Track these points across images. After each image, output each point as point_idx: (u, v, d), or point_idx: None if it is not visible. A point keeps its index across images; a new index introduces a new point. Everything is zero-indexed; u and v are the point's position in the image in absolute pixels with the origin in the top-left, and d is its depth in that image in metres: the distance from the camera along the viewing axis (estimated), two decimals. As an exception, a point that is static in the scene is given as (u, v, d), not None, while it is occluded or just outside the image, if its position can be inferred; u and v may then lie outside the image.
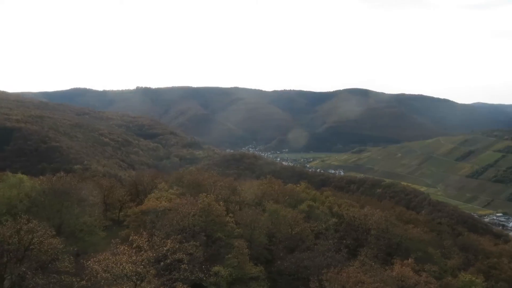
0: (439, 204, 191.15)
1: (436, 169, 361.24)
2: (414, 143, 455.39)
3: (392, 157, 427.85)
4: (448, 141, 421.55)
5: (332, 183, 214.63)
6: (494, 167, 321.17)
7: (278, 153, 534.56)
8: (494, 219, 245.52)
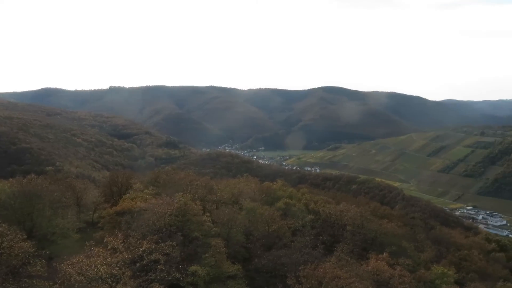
0: (412, 199, 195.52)
1: (409, 164, 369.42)
2: (387, 140, 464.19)
3: (366, 153, 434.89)
4: (420, 137, 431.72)
5: (308, 180, 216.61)
6: (464, 162, 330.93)
7: (254, 151, 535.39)
8: (465, 212, 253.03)
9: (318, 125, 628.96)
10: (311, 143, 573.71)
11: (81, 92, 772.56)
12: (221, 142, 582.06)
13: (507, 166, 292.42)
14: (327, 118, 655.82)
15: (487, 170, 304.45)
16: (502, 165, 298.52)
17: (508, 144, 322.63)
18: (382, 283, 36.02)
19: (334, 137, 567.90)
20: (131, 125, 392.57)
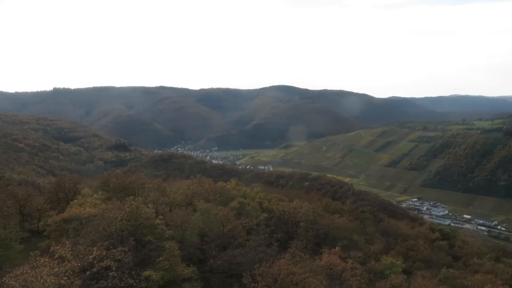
0: (362, 193, 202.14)
1: (358, 160, 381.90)
2: (337, 137, 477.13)
3: (318, 151, 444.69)
4: (367, 134, 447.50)
5: (262, 179, 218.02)
6: (409, 156, 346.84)
7: (207, 152, 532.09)
8: (410, 204, 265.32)
9: (271, 124, 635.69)
10: (264, 141, 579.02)
11: (22, 94, 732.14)
12: (173, 143, 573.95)
13: (448, 159, 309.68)
14: (279, 116, 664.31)
15: (430, 163, 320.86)
16: (443, 158, 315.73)
17: (448, 138, 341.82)
18: (335, 277, 37.00)
19: (287, 135, 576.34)
20: (78, 127, 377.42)
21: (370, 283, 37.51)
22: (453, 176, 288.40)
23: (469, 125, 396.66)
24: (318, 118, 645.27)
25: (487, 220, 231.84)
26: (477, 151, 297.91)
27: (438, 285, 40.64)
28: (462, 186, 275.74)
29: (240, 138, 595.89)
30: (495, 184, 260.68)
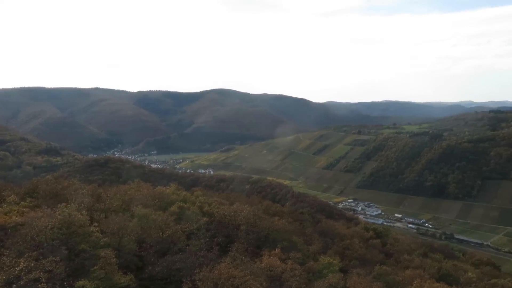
0: (301, 195, 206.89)
1: (297, 163, 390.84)
2: (277, 140, 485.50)
3: (258, 154, 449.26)
4: (306, 137, 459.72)
5: (202, 183, 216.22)
6: (345, 158, 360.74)
7: (146, 156, 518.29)
8: (346, 205, 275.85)
9: (211, 127, 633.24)
10: (204, 145, 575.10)
11: None
12: (109, 147, 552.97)
13: (380, 161, 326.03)
14: (220, 120, 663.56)
15: (364, 165, 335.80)
16: (376, 160, 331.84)
17: (380, 141, 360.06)
18: (275, 278, 37.47)
19: (227, 138, 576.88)
20: (3, 130, 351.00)
21: (309, 282, 38.41)
22: (385, 177, 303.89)
23: (400, 129, 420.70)
24: (259, 122, 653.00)
25: (416, 218, 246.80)
26: (406, 153, 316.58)
27: (372, 282, 42.49)
28: (394, 187, 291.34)
29: (180, 142, 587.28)
30: (422, 185, 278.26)
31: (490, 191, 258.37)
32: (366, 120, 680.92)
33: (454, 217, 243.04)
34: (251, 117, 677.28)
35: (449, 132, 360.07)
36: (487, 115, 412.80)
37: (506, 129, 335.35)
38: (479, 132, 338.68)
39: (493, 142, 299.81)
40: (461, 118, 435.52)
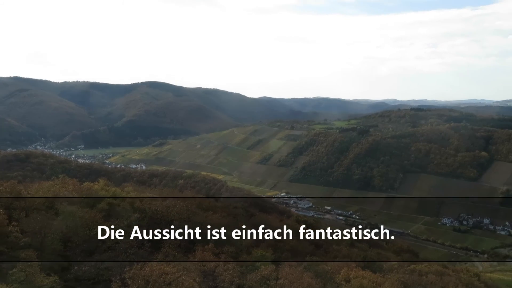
0: (235, 190, 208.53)
1: (231, 158, 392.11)
2: (211, 135, 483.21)
3: (192, 148, 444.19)
4: (240, 132, 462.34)
5: (134, 178, 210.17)
6: (278, 153, 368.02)
7: (72, 150, 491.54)
8: (279, 198, 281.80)
9: (143, 121, 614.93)
10: (136, 139, 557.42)
11: None
12: (31, 140, 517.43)
13: (312, 155, 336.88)
14: (152, 113, 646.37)
15: (297, 159, 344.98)
16: (308, 155, 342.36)
17: (312, 136, 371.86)
18: (209, 273, 37.43)
19: (160, 132, 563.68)
20: None
21: (242, 276, 38.79)
22: (316, 171, 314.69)
23: (330, 124, 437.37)
24: (193, 116, 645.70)
25: (344, 210, 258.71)
26: (336, 148, 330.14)
27: (303, 272, 43.87)
28: (324, 180, 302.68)
29: (110, 136, 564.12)
30: (350, 178, 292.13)
31: (410, 184, 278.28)
32: (299, 116, 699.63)
33: (379, 208, 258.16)
34: (185, 111, 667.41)
35: (374, 128, 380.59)
36: (408, 112, 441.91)
37: (425, 125, 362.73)
38: (402, 128, 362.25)
39: (414, 137, 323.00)
40: (386, 115, 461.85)
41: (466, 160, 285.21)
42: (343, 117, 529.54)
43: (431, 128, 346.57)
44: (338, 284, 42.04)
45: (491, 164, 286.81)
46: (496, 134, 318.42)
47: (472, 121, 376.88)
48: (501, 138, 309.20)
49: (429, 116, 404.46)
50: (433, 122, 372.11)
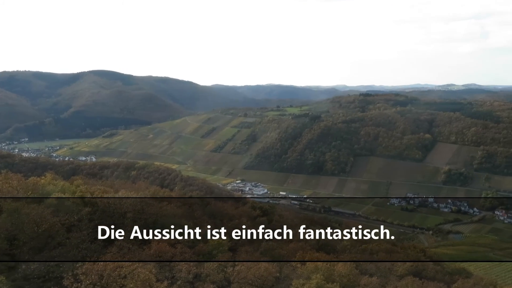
0: (190, 179, 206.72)
1: (185, 147, 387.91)
2: (164, 124, 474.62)
3: (144, 138, 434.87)
4: (194, 120, 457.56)
5: (83, 171, 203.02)
6: (232, 141, 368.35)
7: (16, 144, 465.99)
8: (235, 186, 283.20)
9: (92, 111, 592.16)
10: (85, 130, 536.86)
11: None
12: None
13: (266, 142, 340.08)
14: (101, 103, 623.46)
15: (251, 146, 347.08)
16: (262, 142, 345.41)
17: (265, 123, 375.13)
18: (165, 263, 37.14)
19: (110, 123, 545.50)
20: None
21: (199, 264, 38.83)
22: (270, 157, 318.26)
23: (283, 111, 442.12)
24: (144, 105, 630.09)
25: (298, 194, 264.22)
26: (289, 134, 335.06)
27: (260, 258, 44.58)
28: (278, 166, 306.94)
29: (56, 128, 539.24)
30: (304, 163, 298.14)
31: (361, 167, 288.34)
32: (252, 103, 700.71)
33: (331, 192, 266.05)
34: (136, 100, 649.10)
35: (326, 114, 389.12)
36: (357, 98, 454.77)
37: (373, 110, 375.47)
38: (351, 113, 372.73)
39: (363, 122, 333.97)
40: (336, 100, 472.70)
41: (411, 142, 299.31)
42: (295, 103, 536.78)
43: (379, 113, 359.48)
44: (294, 267, 43.11)
45: (434, 145, 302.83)
46: (439, 117, 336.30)
47: (416, 105, 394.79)
48: (443, 121, 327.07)
49: (377, 101, 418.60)
50: (380, 107, 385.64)
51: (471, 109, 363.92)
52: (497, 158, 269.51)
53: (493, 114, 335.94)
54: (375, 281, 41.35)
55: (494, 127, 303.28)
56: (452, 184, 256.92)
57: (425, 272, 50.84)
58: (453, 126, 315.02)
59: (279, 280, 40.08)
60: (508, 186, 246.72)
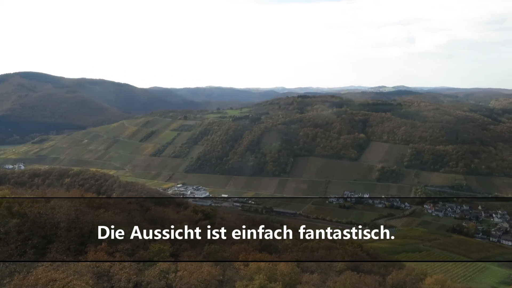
0: (128, 184, 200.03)
1: (123, 151, 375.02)
2: (100, 128, 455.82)
3: (78, 144, 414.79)
4: (131, 124, 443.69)
5: (11, 180, 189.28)
6: (172, 144, 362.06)
7: None
8: (176, 190, 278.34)
9: (19, 116, 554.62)
10: (12, 136, 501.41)
11: None
12: None
13: (206, 145, 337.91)
14: (29, 107, 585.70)
15: (192, 150, 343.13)
16: (202, 145, 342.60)
17: (206, 126, 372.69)
18: (103, 273, 35.70)
19: (40, 128, 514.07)
20: None
21: (140, 272, 37.72)
22: (212, 160, 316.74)
23: (223, 113, 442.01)
24: (77, 109, 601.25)
25: (240, 196, 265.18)
26: (230, 136, 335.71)
27: (202, 262, 44.16)
28: (220, 169, 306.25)
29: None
30: (245, 165, 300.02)
31: (300, 167, 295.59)
32: (192, 105, 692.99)
33: (273, 192, 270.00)
34: (68, 103, 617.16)
35: (266, 115, 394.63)
36: (296, 99, 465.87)
37: (311, 111, 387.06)
38: (290, 115, 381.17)
39: (301, 123, 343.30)
40: (275, 102, 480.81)
41: (347, 142, 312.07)
42: (235, 105, 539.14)
43: (317, 114, 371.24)
44: (237, 269, 43.22)
45: (368, 144, 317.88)
46: (372, 117, 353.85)
47: (351, 105, 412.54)
48: (376, 121, 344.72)
49: (314, 102, 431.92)
50: (318, 108, 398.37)
51: (401, 109, 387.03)
52: (424, 155, 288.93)
53: (420, 114, 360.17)
54: (316, 277, 42.57)
55: (421, 126, 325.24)
56: (385, 181, 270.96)
57: (363, 266, 53.23)
58: (385, 126, 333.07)
59: (223, 282, 39.98)
60: (435, 181, 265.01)
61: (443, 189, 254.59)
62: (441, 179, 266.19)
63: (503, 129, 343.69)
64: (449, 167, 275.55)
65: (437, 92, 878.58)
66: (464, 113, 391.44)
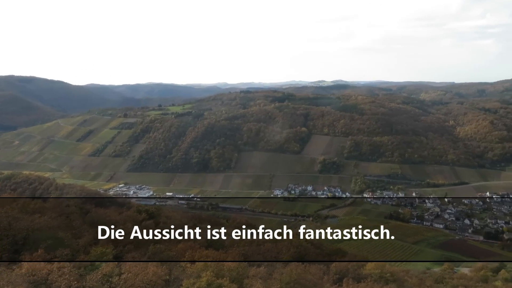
0: (66, 187, 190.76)
1: (59, 152, 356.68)
2: (32, 128, 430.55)
3: (8, 146, 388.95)
4: (67, 123, 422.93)
5: None
6: (112, 143, 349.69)
7: None
8: (118, 190, 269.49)
9: None
10: None
11: None
12: None
13: (149, 143, 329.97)
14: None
15: (133, 148, 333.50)
16: (144, 143, 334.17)
17: (147, 123, 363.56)
18: (41, 282, 33.84)
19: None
20: None
21: (81, 278, 36.17)
22: (154, 158, 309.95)
23: (165, 110, 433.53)
24: (5, 108, 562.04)
25: (185, 194, 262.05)
26: (173, 133, 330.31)
27: (147, 263, 43.23)
28: (163, 167, 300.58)
29: None
30: (189, 162, 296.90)
31: (245, 162, 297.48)
32: (132, 102, 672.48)
33: (218, 188, 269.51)
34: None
35: (209, 111, 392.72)
36: (238, 95, 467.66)
37: (254, 106, 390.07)
38: (233, 110, 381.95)
39: (245, 118, 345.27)
40: (218, 98, 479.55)
41: (290, 136, 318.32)
42: (177, 102, 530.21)
43: (259, 109, 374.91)
44: (184, 268, 42.78)
45: (310, 138, 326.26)
46: (312, 111, 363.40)
47: (293, 100, 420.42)
48: (316, 115, 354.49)
49: (257, 97, 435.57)
50: (260, 103, 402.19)
51: (340, 103, 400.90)
52: (362, 146, 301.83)
53: (357, 107, 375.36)
54: (263, 270, 43.17)
55: (359, 119, 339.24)
56: (327, 173, 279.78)
57: (308, 256, 54.72)
58: (325, 119, 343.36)
59: (169, 282, 39.37)
60: (373, 171, 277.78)
61: (381, 178, 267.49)
62: (378, 169, 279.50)
63: (432, 120, 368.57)
64: (386, 157, 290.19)
65: (372, 85, 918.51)
66: (398, 105, 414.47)
